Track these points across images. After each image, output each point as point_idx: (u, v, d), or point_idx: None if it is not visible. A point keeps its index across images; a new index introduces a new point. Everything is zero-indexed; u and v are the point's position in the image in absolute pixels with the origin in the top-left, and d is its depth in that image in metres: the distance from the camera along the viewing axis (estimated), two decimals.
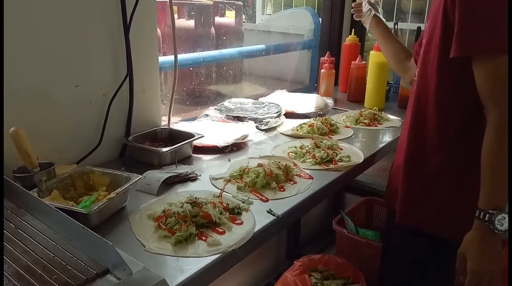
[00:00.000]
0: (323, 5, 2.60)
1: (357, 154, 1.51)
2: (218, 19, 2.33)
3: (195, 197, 1.06)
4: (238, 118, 1.79)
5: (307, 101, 2.07)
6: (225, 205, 1.07)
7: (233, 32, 2.39)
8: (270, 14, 3.63)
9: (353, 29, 2.43)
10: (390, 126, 1.86)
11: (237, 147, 1.54)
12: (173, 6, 1.48)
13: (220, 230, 0.99)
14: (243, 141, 1.57)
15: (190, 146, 1.46)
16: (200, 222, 0.99)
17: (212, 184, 1.25)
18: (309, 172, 1.35)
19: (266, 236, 1.05)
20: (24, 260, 0.76)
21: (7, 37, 1.06)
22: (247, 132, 1.62)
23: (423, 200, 1.24)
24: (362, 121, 1.89)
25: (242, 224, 1.03)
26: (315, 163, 1.41)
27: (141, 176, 1.13)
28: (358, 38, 2.40)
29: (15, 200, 0.95)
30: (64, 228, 0.83)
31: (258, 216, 1.07)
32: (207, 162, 1.43)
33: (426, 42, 1.19)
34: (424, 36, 1.24)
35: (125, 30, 1.33)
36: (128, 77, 1.37)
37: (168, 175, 1.23)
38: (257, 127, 1.75)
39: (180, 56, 1.60)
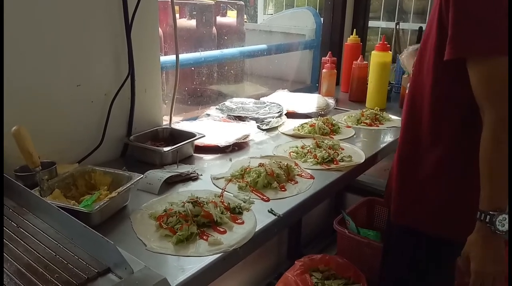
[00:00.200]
0: (325, 5, 2.59)
1: (358, 154, 1.51)
2: (219, 19, 2.33)
3: (197, 197, 1.06)
4: (240, 118, 1.79)
5: (309, 101, 2.07)
6: (226, 205, 1.07)
7: (234, 32, 2.39)
8: (271, 14, 3.63)
9: (354, 29, 2.43)
10: (392, 127, 1.85)
11: (238, 146, 1.54)
12: (174, 6, 1.48)
13: (221, 229, 0.99)
14: (245, 141, 1.57)
15: (191, 145, 1.46)
16: (201, 221, 0.99)
17: (213, 184, 1.25)
18: (310, 171, 1.35)
19: (267, 235, 1.05)
20: (25, 258, 0.76)
21: (9, 37, 1.07)
22: (249, 132, 1.62)
23: (418, 199, 1.23)
24: (363, 121, 1.89)
25: (243, 223, 1.03)
26: (316, 162, 1.41)
27: (142, 175, 1.13)
28: (359, 38, 2.40)
29: (17, 199, 0.95)
30: (65, 227, 0.83)
31: (259, 215, 1.07)
32: (208, 161, 1.44)
33: (422, 43, 1.19)
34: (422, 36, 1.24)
35: (127, 30, 1.33)
36: (129, 76, 1.38)
37: (169, 174, 1.23)
38: (258, 127, 1.75)
39: (181, 56, 1.60)
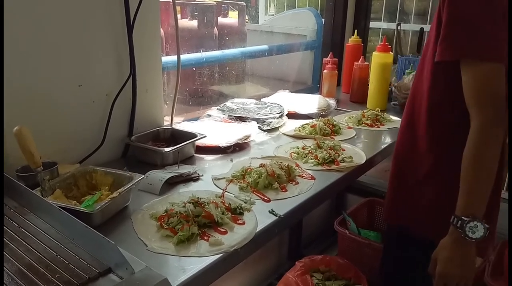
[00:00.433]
0: (326, 6, 2.59)
1: (359, 154, 1.51)
2: (221, 20, 2.33)
3: (197, 197, 1.06)
4: (241, 119, 1.79)
5: (310, 102, 2.07)
6: (227, 205, 1.08)
7: (236, 32, 2.40)
8: (273, 15, 3.63)
9: (355, 30, 2.43)
10: (392, 127, 1.85)
11: (239, 147, 1.54)
12: (176, 6, 1.48)
13: (222, 230, 0.99)
14: (245, 141, 1.57)
15: (192, 146, 1.46)
16: (202, 221, 0.99)
17: (214, 184, 1.25)
18: (311, 172, 1.35)
19: (268, 236, 1.05)
20: (27, 258, 0.76)
21: (11, 37, 1.07)
22: (250, 132, 1.62)
23: (412, 202, 1.23)
24: (364, 122, 1.89)
25: (244, 224, 1.03)
26: (317, 163, 1.41)
27: (143, 176, 1.13)
28: (360, 39, 2.40)
29: (19, 199, 0.95)
30: (67, 227, 0.83)
31: (260, 216, 1.07)
32: (210, 162, 1.44)
33: (424, 45, 1.19)
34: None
35: (128, 30, 1.33)
36: (131, 77, 1.38)
37: (170, 174, 1.23)
38: (259, 128, 1.75)
39: (183, 56, 1.60)
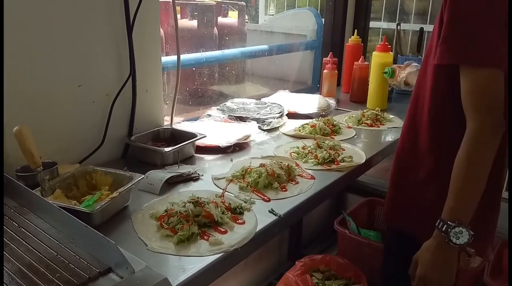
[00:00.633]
0: (326, 5, 2.59)
1: (359, 154, 1.51)
2: (221, 20, 2.33)
3: (197, 197, 1.06)
4: (241, 119, 1.79)
5: (310, 102, 2.07)
6: (227, 205, 1.08)
7: (236, 32, 2.40)
8: (273, 15, 3.62)
9: (355, 30, 2.43)
10: (392, 127, 1.85)
11: (239, 147, 1.54)
12: (176, 6, 1.48)
13: (222, 229, 0.99)
14: (245, 141, 1.57)
15: (192, 145, 1.46)
16: (202, 221, 0.99)
17: (214, 184, 1.25)
18: (311, 172, 1.35)
19: (268, 235, 1.05)
20: (27, 258, 0.76)
21: (11, 37, 1.07)
22: (250, 132, 1.62)
23: (411, 203, 1.23)
24: (364, 122, 1.88)
25: (244, 223, 1.03)
26: (317, 163, 1.41)
27: (143, 176, 1.13)
28: (360, 39, 2.39)
29: (18, 199, 0.96)
30: (67, 226, 0.83)
31: (260, 215, 1.07)
32: (209, 161, 1.44)
33: (428, 46, 1.18)
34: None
35: (128, 30, 1.33)
36: (131, 77, 1.38)
37: (170, 174, 1.23)
38: (259, 128, 1.75)
39: (183, 56, 1.60)
